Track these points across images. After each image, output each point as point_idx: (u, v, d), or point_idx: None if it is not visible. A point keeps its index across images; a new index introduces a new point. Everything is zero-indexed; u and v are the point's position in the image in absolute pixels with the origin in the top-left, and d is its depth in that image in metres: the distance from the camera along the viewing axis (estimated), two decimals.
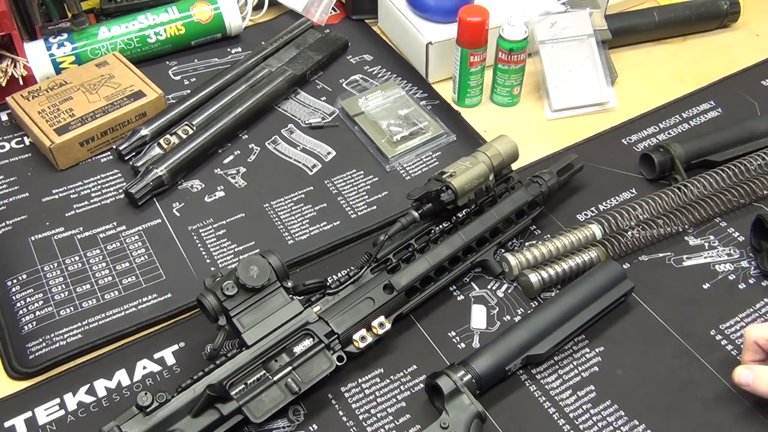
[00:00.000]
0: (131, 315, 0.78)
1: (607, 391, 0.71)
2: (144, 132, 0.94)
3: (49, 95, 0.96)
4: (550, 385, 0.72)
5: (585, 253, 0.79)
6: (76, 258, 0.84)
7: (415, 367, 0.74)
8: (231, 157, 0.95)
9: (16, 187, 0.91)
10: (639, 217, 0.82)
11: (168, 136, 0.94)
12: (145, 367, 0.74)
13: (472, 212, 0.81)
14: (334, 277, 0.81)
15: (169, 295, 0.80)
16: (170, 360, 0.75)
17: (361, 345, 0.71)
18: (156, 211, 0.89)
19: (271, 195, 0.90)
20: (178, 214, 0.88)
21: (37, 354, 0.75)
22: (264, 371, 0.68)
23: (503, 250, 0.82)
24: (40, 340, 0.76)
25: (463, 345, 0.75)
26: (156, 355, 0.75)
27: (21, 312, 0.78)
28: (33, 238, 0.85)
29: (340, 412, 0.71)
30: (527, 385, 0.72)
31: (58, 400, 0.72)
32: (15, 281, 0.81)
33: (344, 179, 0.92)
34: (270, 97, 1.00)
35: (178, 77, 1.07)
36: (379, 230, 0.86)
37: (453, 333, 0.76)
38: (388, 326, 0.73)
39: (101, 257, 0.84)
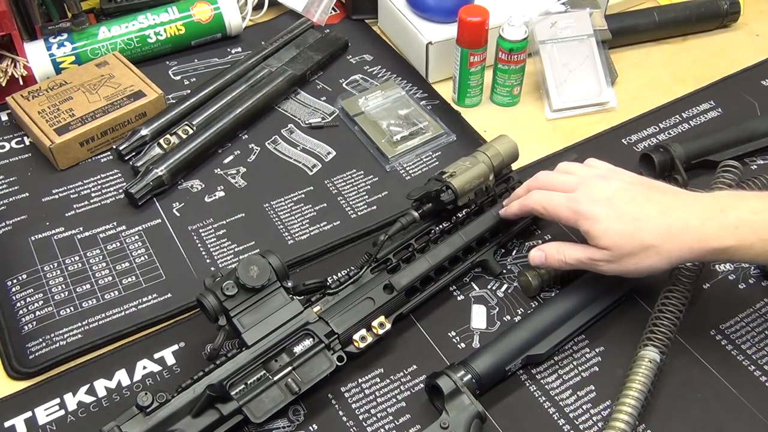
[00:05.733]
0: (131, 315, 0.78)
1: (607, 391, 0.71)
2: (144, 132, 0.94)
3: (49, 95, 0.96)
4: (550, 385, 0.72)
5: None
6: (76, 258, 0.84)
7: (415, 367, 0.74)
8: (231, 157, 0.95)
9: (16, 187, 0.91)
10: None
11: (168, 136, 0.94)
12: (145, 367, 0.74)
13: (472, 212, 0.81)
14: (334, 277, 0.81)
15: (169, 295, 0.80)
16: (170, 360, 0.75)
17: (361, 345, 0.71)
18: (156, 211, 0.89)
19: (271, 195, 0.90)
20: (178, 214, 0.88)
21: (37, 354, 0.75)
22: (264, 371, 0.68)
23: (503, 250, 0.82)
24: (40, 340, 0.76)
25: (463, 345, 0.75)
26: (156, 355, 0.75)
27: (21, 312, 0.78)
28: (33, 238, 0.85)
29: (340, 412, 0.71)
30: (527, 385, 0.72)
31: (58, 400, 0.72)
32: (15, 281, 0.81)
33: (344, 179, 0.92)
34: (270, 97, 1.00)
35: (178, 77, 1.07)
36: (379, 230, 0.86)
37: (453, 333, 0.76)
38: (388, 326, 0.73)
39: (101, 257, 0.84)
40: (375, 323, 0.72)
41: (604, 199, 0.69)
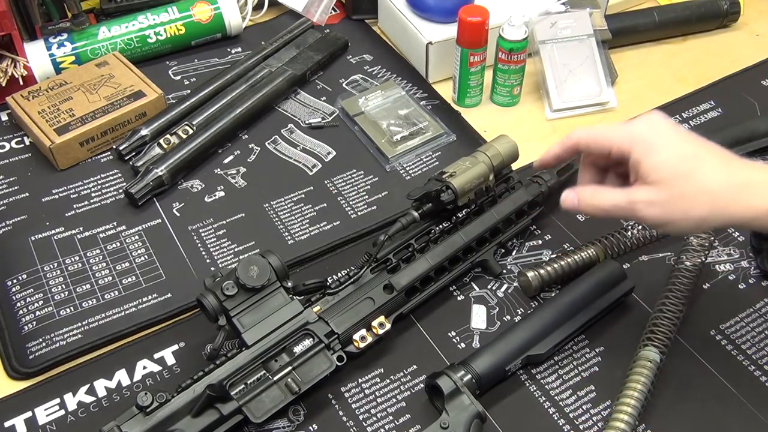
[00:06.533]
0: (131, 315, 0.78)
1: (607, 391, 0.71)
2: (144, 132, 0.94)
3: (49, 95, 0.96)
4: (550, 385, 0.72)
5: (583, 251, 0.79)
6: (76, 258, 0.84)
7: (415, 367, 0.74)
8: (231, 157, 0.95)
9: (16, 187, 0.91)
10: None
11: (168, 136, 0.94)
12: (145, 367, 0.74)
13: (472, 212, 0.81)
14: (334, 277, 0.81)
15: (169, 295, 0.80)
16: (170, 360, 0.75)
17: (361, 345, 0.71)
18: (156, 211, 0.89)
19: (271, 195, 0.90)
20: (178, 214, 0.88)
21: (37, 354, 0.75)
22: (264, 371, 0.68)
23: (503, 250, 0.82)
24: (40, 340, 0.76)
25: (463, 345, 0.75)
26: (156, 355, 0.75)
27: (21, 312, 0.78)
28: (33, 238, 0.85)
29: (340, 412, 0.71)
30: (527, 385, 0.72)
31: (58, 400, 0.72)
32: (15, 281, 0.81)
33: (344, 179, 0.92)
34: (270, 97, 1.00)
35: (178, 77, 1.07)
36: (379, 230, 0.86)
37: (453, 333, 0.76)
38: (388, 326, 0.73)
39: (101, 257, 0.84)
40: (375, 323, 0.72)
41: (665, 128, 0.60)
